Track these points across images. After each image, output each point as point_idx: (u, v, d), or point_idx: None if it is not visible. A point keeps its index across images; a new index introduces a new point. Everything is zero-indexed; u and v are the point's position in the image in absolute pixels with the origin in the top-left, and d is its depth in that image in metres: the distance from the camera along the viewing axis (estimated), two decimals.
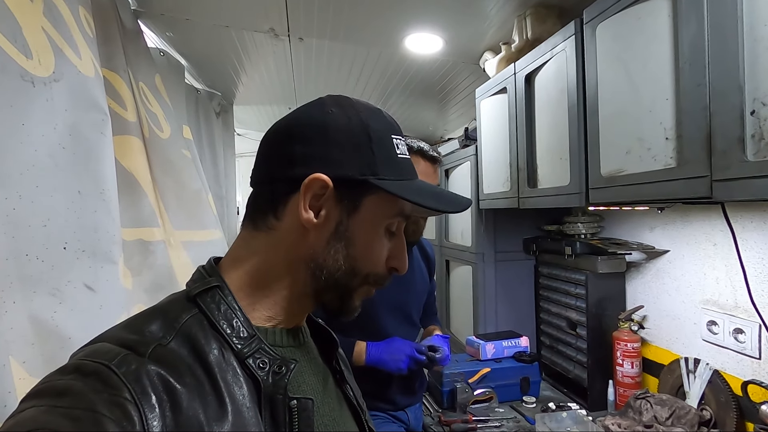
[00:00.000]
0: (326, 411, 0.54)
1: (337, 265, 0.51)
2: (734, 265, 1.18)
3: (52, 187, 0.82)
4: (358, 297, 0.55)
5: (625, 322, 1.47)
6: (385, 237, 0.54)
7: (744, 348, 1.16)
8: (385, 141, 0.52)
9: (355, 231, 0.52)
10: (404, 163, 0.54)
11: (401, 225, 0.56)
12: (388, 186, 0.50)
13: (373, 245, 0.53)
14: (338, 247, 0.51)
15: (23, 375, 0.71)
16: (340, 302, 0.54)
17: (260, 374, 0.46)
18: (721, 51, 0.80)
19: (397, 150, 0.53)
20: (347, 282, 0.52)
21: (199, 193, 1.56)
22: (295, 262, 0.52)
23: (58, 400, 0.36)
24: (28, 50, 0.82)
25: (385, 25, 1.64)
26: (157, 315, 0.47)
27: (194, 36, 1.76)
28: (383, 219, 0.53)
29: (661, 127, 0.95)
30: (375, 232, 0.53)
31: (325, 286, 0.52)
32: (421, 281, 1.42)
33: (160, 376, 0.40)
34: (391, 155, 0.52)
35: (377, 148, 0.51)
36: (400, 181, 0.52)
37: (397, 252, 0.56)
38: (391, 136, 0.53)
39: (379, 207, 0.52)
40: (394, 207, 0.53)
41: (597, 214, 1.72)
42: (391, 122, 0.55)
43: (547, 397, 1.63)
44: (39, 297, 0.77)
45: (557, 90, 1.31)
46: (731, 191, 0.80)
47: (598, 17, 1.11)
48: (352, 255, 0.52)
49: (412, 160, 0.58)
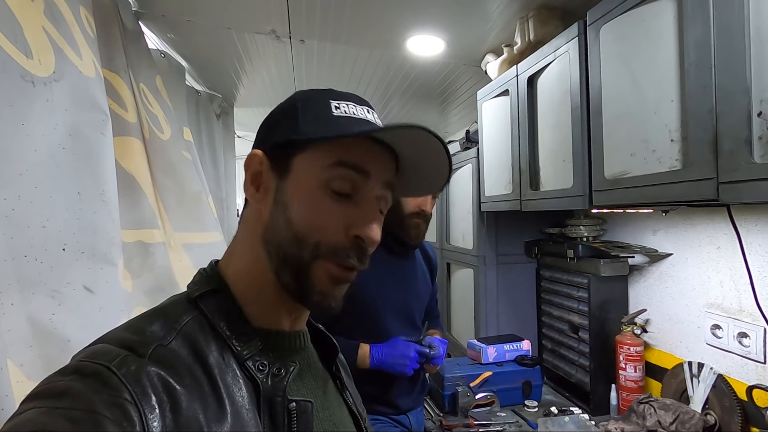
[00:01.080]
0: (326, 415, 0.53)
1: (280, 233, 0.48)
2: (738, 268, 1.18)
3: (51, 188, 0.81)
4: (317, 276, 0.48)
5: (628, 325, 1.46)
6: (331, 198, 0.49)
7: (749, 352, 1.15)
8: (313, 104, 0.52)
9: (291, 194, 0.49)
10: (344, 120, 0.50)
11: (361, 185, 0.50)
12: (307, 136, 0.49)
13: (313, 205, 0.48)
14: (278, 214, 0.49)
15: (21, 378, 0.70)
16: (297, 281, 0.48)
17: (259, 376, 0.46)
18: (727, 52, 0.80)
19: (335, 110, 0.50)
20: (296, 253, 0.48)
21: (199, 195, 1.55)
22: (257, 246, 0.51)
23: (57, 401, 0.35)
24: (28, 50, 0.82)
25: (387, 27, 1.64)
26: (158, 316, 0.47)
27: (195, 37, 1.76)
28: (319, 174, 0.48)
29: (666, 129, 0.94)
30: (312, 191, 0.48)
31: (278, 263, 0.49)
32: (424, 284, 1.42)
33: (161, 377, 0.40)
34: (320, 114, 0.50)
35: (302, 112, 0.51)
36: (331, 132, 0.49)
37: (360, 218, 0.49)
38: (330, 100, 0.51)
39: (311, 163, 0.49)
40: (328, 159, 0.48)
41: (599, 217, 1.71)
42: (339, 92, 0.54)
43: (549, 401, 1.62)
44: (38, 298, 0.76)
45: (560, 92, 1.31)
46: (738, 193, 0.79)
47: (602, 19, 1.11)
48: (291, 219, 0.48)
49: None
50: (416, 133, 0.48)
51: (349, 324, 1.18)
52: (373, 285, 1.24)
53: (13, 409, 0.62)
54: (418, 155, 0.52)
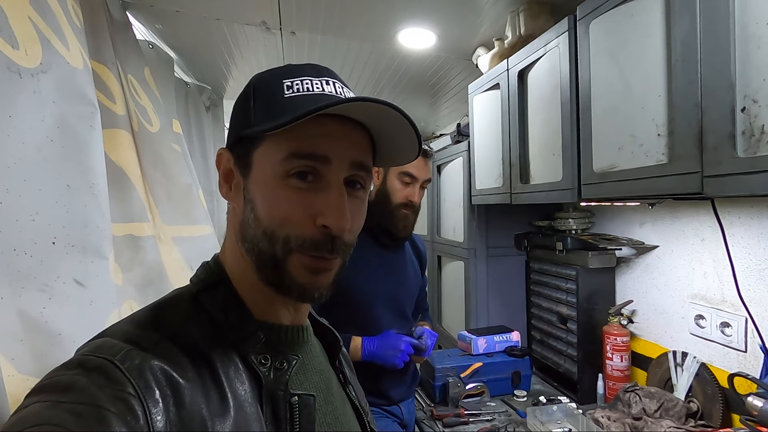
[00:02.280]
0: (328, 409, 0.53)
1: (252, 231, 0.48)
2: (722, 260, 1.20)
3: (40, 181, 0.80)
4: (294, 269, 0.47)
5: (614, 316, 1.49)
6: (292, 190, 0.46)
7: (731, 341, 1.18)
8: (264, 89, 0.49)
9: (254, 190, 0.48)
10: (294, 100, 0.47)
11: (322, 172, 0.47)
12: (257, 129, 0.46)
13: (275, 201, 0.46)
14: (248, 212, 0.48)
15: (12, 372, 0.69)
16: (276, 277, 0.47)
17: (262, 370, 0.46)
18: (712, 48, 0.81)
19: (286, 92, 0.48)
20: (269, 249, 0.47)
21: (189, 188, 1.53)
22: (238, 244, 0.50)
23: (62, 396, 0.35)
24: (14, 40, 0.80)
25: (378, 19, 1.63)
26: (161, 310, 0.47)
27: (184, 28, 1.73)
28: (277, 167, 0.46)
29: (653, 124, 0.96)
30: (271, 185, 0.47)
31: (256, 260, 0.48)
32: (414, 276, 1.43)
33: (164, 371, 0.40)
34: (271, 100, 0.48)
35: (255, 100, 0.49)
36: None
37: (326, 207, 0.46)
38: (281, 80, 0.48)
39: (266, 156, 0.47)
40: (282, 150, 0.46)
41: (588, 210, 1.74)
42: (295, 68, 0.50)
43: (538, 391, 1.65)
44: (28, 292, 0.75)
45: (550, 86, 1.32)
46: (722, 187, 0.81)
47: (592, 14, 1.12)
48: (258, 216, 0.47)
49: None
50: (367, 106, 0.45)
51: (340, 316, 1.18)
52: (364, 277, 1.25)
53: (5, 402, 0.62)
54: (382, 125, 0.49)
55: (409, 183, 1.29)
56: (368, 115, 0.47)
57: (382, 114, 0.46)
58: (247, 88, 0.52)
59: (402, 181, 1.29)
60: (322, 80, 0.49)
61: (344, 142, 0.48)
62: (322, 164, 0.46)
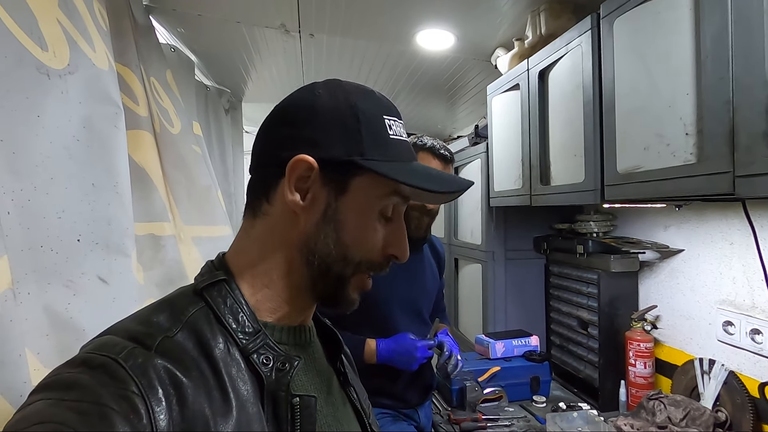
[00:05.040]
0: (330, 411, 0.54)
1: (327, 249, 0.49)
2: (752, 264, 1.16)
3: (66, 179, 0.82)
4: (353, 287, 0.52)
5: (638, 321, 1.45)
6: (379, 221, 0.51)
7: (761, 349, 1.14)
8: (374, 121, 0.50)
9: (345, 214, 0.49)
10: (398, 144, 0.51)
11: (399, 209, 0.54)
12: (375, 166, 0.48)
13: (365, 229, 0.51)
14: (328, 230, 0.49)
15: (38, 366, 0.71)
16: (334, 291, 0.51)
17: (264, 370, 0.46)
18: (745, 44, 0.78)
19: (390, 131, 0.51)
20: (340, 269, 0.50)
21: (208, 189, 1.55)
22: (288, 249, 0.51)
23: (65, 394, 0.35)
24: (43, 42, 0.82)
25: (397, 20, 1.63)
26: (165, 307, 0.47)
27: (205, 32, 1.76)
28: (374, 201, 0.50)
29: (681, 123, 0.93)
30: (366, 215, 0.50)
31: (318, 273, 0.50)
32: (432, 279, 1.42)
33: (167, 370, 0.40)
34: (380, 135, 0.50)
35: (365, 129, 0.49)
36: (392, 162, 0.50)
37: (395, 238, 0.53)
38: (383, 117, 0.51)
39: (368, 189, 0.49)
40: (386, 188, 0.50)
41: (610, 212, 1.70)
42: (385, 103, 0.53)
43: (558, 397, 1.62)
44: (53, 288, 0.77)
45: (572, 86, 1.30)
46: (755, 188, 0.78)
47: (616, 11, 1.09)
48: (343, 239, 0.49)
49: (421, 158, 0.57)
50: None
51: (358, 319, 1.18)
52: (382, 280, 1.23)
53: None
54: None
55: None
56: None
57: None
58: (348, 108, 0.50)
59: None
60: (402, 124, 0.54)
61: None
62: (403, 202, 0.53)
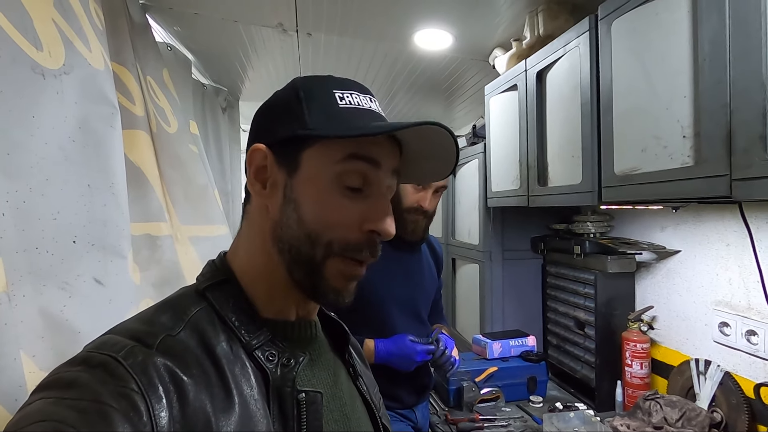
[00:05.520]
0: (337, 405, 0.53)
1: (292, 232, 0.48)
2: (748, 265, 1.17)
3: (62, 180, 0.81)
4: (331, 272, 0.48)
5: (634, 322, 1.46)
6: (344, 194, 0.48)
7: (757, 350, 1.14)
8: (318, 95, 0.50)
9: (300, 190, 0.48)
10: (351, 111, 0.49)
11: (372, 178, 0.49)
12: (318, 132, 0.47)
13: (325, 203, 0.47)
14: (289, 212, 0.48)
15: (33, 369, 0.70)
16: (311, 279, 0.48)
17: (269, 366, 0.46)
18: (743, 47, 0.78)
19: (340, 102, 0.49)
20: (308, 251, 0.47)
21: (205, 189, 1.55)
22: (265, 241, 0.51)
23: (65, 392, 0.36)
24: (38, 42, 0.81)
25: (395, 20, 1.62)
26: (167, 307, 0.47)
27: (202, 30, 1.75)
28: (328, 169, 0.48)
29: (679, 125, 0.93)
30: (323, 186, 0.48)
31: (291, 260, 0.48)
32: (430, 279, 1.41)
33: (168, 368, 0.40)
34: (326, 106, 0.49)
35: (307, 104, 0.49)
36: (341, 126, 0.48)
37: (374, 212, 0.49)
38: (333, 91, 0.50)
39: (319, 158, 0.48)
40: (337, 153, 0.47)
41: (607, 213, 1.70)
42: (342, 81, 0.52)
43: (554, 397, 1.62)
44: (49, 290, 0.76)
45: (570, 87, 1.30)
46: (751, 190, 0.78)
47: (614, 13, 1.09)
48: (303, 218, 0.47)
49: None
50: (428, 128, 0.47)
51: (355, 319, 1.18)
52: (380, 280, 1.24)
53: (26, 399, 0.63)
54: (424, 145, 0.52)
55: (421, 188, 1.27)
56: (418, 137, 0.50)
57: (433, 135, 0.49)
58: (293, 91, 0.52)
59: (414, 185, 1.27)
60: (367, 97, 0.52)
61: (388, 148, 0.51)
62: (373, 169, 0.49)
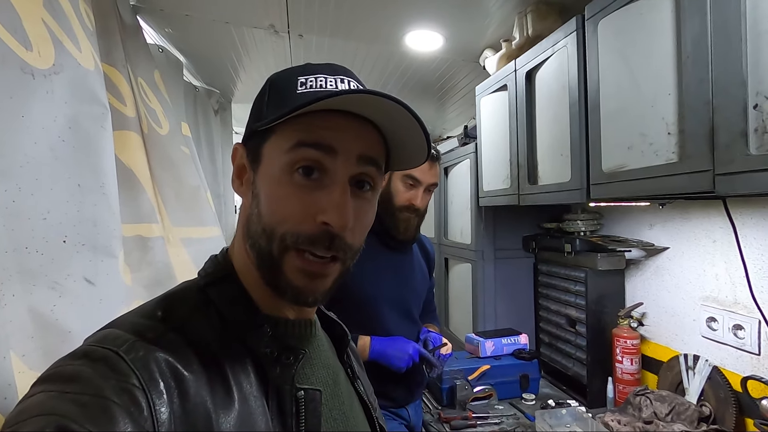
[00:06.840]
0: (335, 404, 0.53)
1: (254, 227, 0.47)
2: (734, 261, 1.19)
3: (52, 180, 0.81)
4: (289, 267, 0.46)
5: (624, 319, 1.48)
6: (296, 184, 0.45)
7: (743, 344, 1.16)
8: (280, 85, 0.50)
9: (260, 184, 0.48)
10: (305, 95, 0.47)
11: (327, 166, 0.46)
12: (265, 121, 0.46)
13: (277, 195, 0.46)
14: (254, 207, 0.48)
15: (23, 368, 0.70)
16: (272, 276, 0.47)
17: (268, 363, 0.46)
18: (724, 46, 0.80)
19: (300, 88, 0.48)
20: (265, 246, 0.46)
21: (197, 190, 1.55)
22: (244, 239, 0.50)
23: (66, 386, 0.35)
24: (27, 42, 0.81)
25: (386, 21, 1.64)
26: (168, 302, 0.47)
27: (193, 32, 1.75)
28: (280, 160, 0.46)
29: (663, 122, 0.95)
30: (276, 178, 0.46)
31: (255, 257, 0.47)
32: (422, 278, 1.42)
33: (168, 363, 0.40)
34: (284, 95, 0.48)
35: (269, 96, 0.50)
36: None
37: (327, 201, 0.45)
38: (297, 77, 0.49)
39: (273, 150, 0.47)
40: (287, 142, 0.45)
41: (597, 211, 1.72)
42: (310, 66, 0.50)
43: (547, 394, 1.63)
44: (38, 290, 0.76)
45: (558, 86, 1.31)
46: (734, 185, 0.80)
47: (600, 13, 1.11)
48: (262, 212, 0.46)
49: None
50: (395, 110, 0.44)
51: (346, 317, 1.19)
52: (370, 280, 1.25)
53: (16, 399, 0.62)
54: (395, 128, 0.48)
55: (412, 186, 1.27)
56: (376, 111, 0.46)
57: (390, 111, 0.45)
58: (264, 86, 0.53)
59: (405, 183, 1.27)
60: (337, 78, 0.49)
61: (350, 133, 0.46)
62: (328, 156, 0.45)
